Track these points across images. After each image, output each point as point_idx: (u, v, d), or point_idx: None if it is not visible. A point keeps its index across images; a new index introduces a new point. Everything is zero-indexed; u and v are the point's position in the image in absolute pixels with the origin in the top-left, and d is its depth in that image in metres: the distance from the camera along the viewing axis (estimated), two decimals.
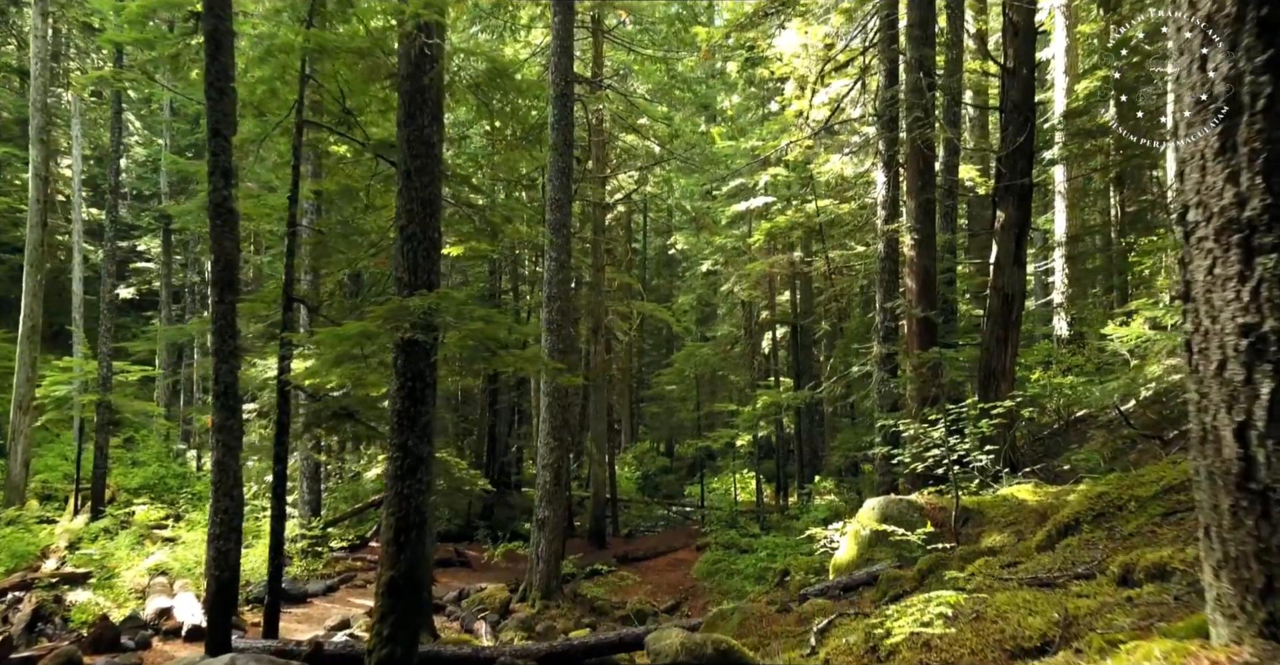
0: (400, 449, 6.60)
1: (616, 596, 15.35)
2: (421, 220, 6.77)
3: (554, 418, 14.06)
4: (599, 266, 21.24)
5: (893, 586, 6.76)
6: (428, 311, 6.30)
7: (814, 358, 26.85)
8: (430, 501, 11.12)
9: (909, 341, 12.40)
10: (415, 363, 6.63)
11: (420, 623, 6.50)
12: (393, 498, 6.57)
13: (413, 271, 6.69)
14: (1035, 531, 6.94)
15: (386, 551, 6.49)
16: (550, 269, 14.28)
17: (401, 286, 6.69)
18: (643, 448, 34.69)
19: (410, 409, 6.63)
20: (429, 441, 6.72)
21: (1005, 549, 6.42)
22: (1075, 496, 7.54)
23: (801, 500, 19.64)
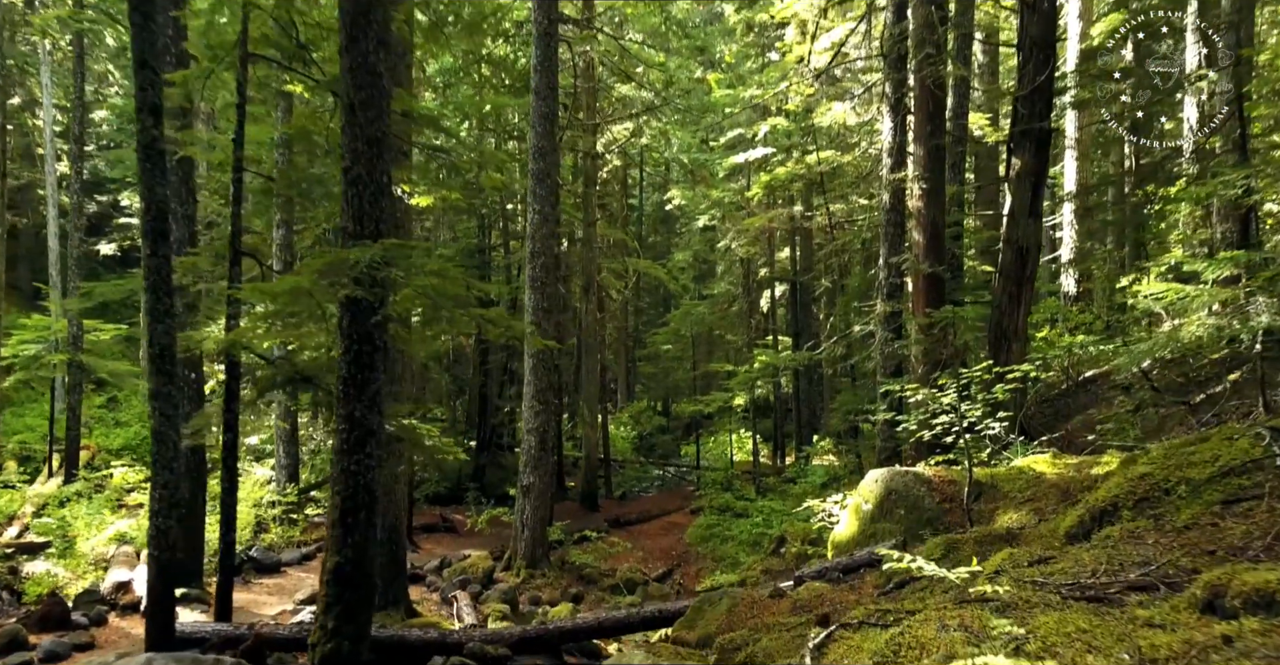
0: (347, 420, 5.87)
1: (606, 563, 14.81)
2: (368, 161, 5.94)
3: (539, 380, 13.34)
4: (590, 221, 20.36)
5: (898, 572, 6.08)
6: (372, 265, 5.51)
7: (814, 316, 26.08)
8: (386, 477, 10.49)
9: (915, 299, 11.62)
10: (362, 323, 5.86)
11: (369, 616, 5.84)
12: (339, 475, 5.85)
13: (358, 220, 5.88)
14: (1058, 510, 6.25)
15: (332, 534, 5.80)
16: (534, 222, 13.43)
17: (347, 237, 5.90)
18: (639, 407, 34.11)
19: (358, 375, 5.88)
20: (379, 411, 5.99)
21: (1027, 533, 5.72)
22: (1099, 469, 6.84)
23: (799, 464, 19.05)
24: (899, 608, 4.71)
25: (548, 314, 13.41)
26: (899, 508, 7.39)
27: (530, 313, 13.36)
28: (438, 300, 5.67)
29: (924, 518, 7.22)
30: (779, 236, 25.46)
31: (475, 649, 7.03)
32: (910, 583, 5.88)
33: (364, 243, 5.59)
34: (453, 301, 5.77)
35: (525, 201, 21.68)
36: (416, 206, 24.08)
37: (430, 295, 5.63)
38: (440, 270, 5.69)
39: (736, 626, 6.10)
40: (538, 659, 7.22)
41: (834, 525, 8.72)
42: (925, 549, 6.07)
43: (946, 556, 5.85)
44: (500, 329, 6.36)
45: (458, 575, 12.68)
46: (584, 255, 20.56)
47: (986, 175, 21.47)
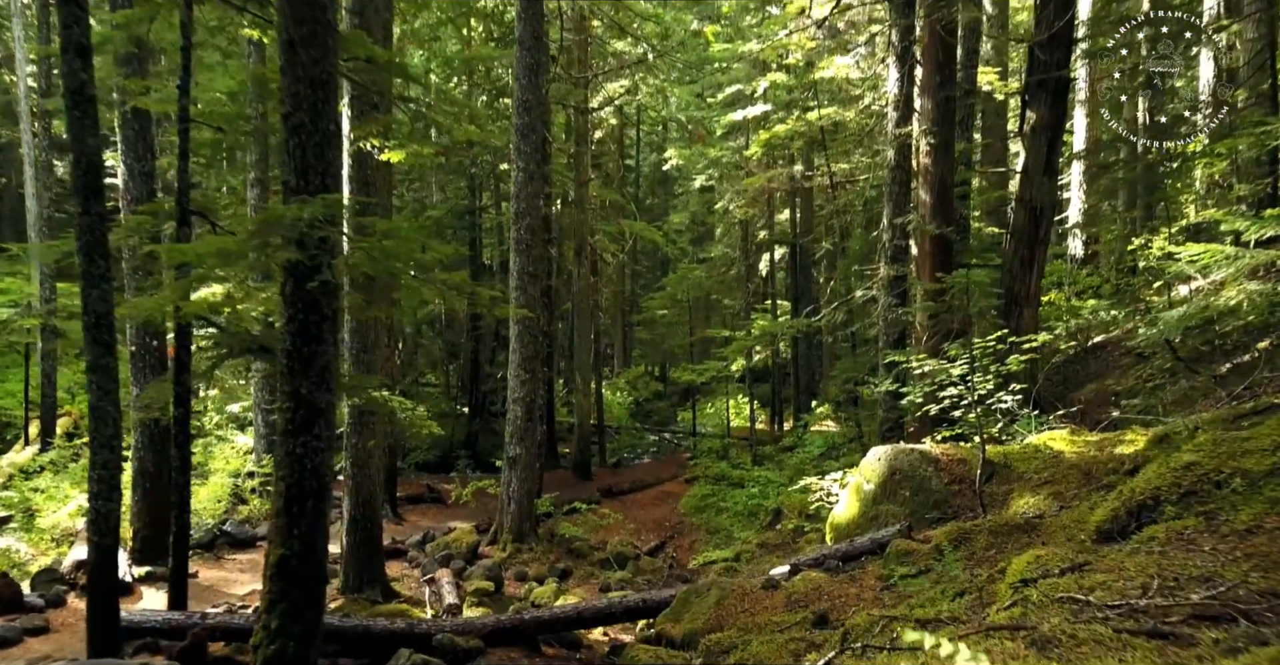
0: (292, 398, 5.25)
1: (597, 536, 14.33)
2: (311, 107, 5.24)
3: (525, 348, 12.72)
4: (582, 180, 19.58)
5: (904, 563, 5.52)
6: (312, 224, 4.85)
7: (813, 280, 25.39)
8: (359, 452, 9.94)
9: (921, 262, 10.96)
10: (307, 290, 5.22)
11: (319, 614, 5.28)
12: (284, 458, 5.25)
13: (301, 173, 5.20)
14: (1080, 494, 5.68)
15: (276, 525, 5.22)
16: (519, 180, 12.70)
17: (289, 192, 5.22)
18: (636, 373, 33.56)
19: (303, 348, 5.25)
20: (329, 387, 5.37)
21: (1048, 523, 5.14)
22: (1125, 448, 6.25)
23: (798, 432, 18.53)
24: (907, 614, 4.14)
25: (534, 278, 12.76)
26: (903, 489, 6.82)
27: (516, 277, 12.70)
28: (389, 264, 5.02)
29: (931, 500, 6.66)
30: (779, 198, 24.67)
31: (444, 641, 6.51)
32: (917, 577, 5.33)
33: (304, 198, 4.93)
34: (405, 265, 5.13)
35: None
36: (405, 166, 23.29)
37: (381, 258, 4.98)
38: (391, 230, 5.04)
39: (725, 623, 5.56)
40: (512, 651, 6.72)
41: (833, 505, 8.17)
42: (935, 541, 5.50)
43: (958, 547, 5.28)
44: (463, 296, 5.73)
45: (441, 550, 12.20)
46: (576, 217, 19.82)
47: (994, 133, 20.67)
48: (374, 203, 9.74)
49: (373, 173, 9.86)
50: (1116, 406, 10.13)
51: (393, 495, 14.95)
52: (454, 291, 5.55)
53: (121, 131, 10.21)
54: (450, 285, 5.53)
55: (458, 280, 5.67)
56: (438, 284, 5.51)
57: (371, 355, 9.81)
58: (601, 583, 12.03)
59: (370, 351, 9.79)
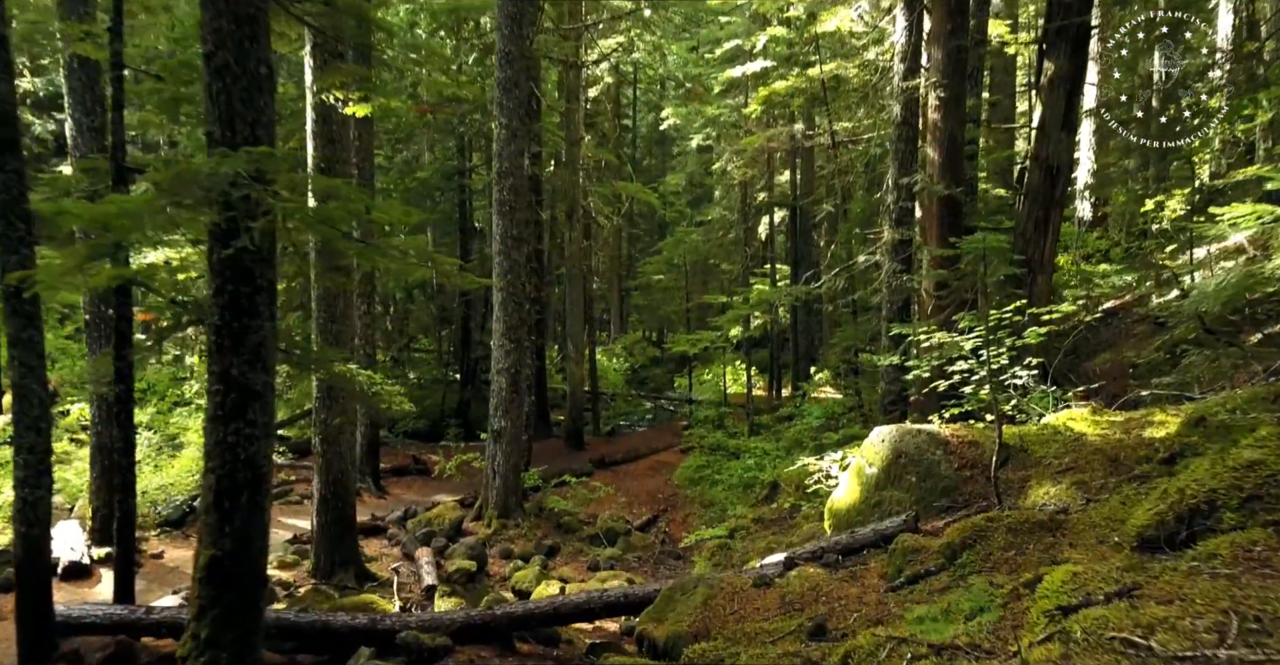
0: (222, 380, 4.64)
1: (587, 510, 13.85)
2: (236, 45, 4.55)
3: (509, 316, 12.09)
4: (574, 140, 18.77)
5: (911, 562, 4.96)
6: (236, 182, 4.19)
7: (813, 243, 24.67)
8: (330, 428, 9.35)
9: (928, 225, 10.29)
10: (238, 258, 4.57)
11: (258, 621, 4.71)
12: (214, 448, 4.66)
13: (226, 123, 4.53)
14: (1108, 485, 5.10)
15: (206, 522, 4.64)
16: (501, 138, 11.96)
17: (213, 144, 4.55)
18: (632, 338, 32.94)
19: (233, 322, 4.62)
20: (265, 367, 4.75)
21: (1076, 521, 4.56)
22: (1154, 430, 5.65)
23: (796, 400, 17.98)
24: (918, 634, 3.57)
25: (518, 243, 12.08)
26: (909, 474, 6.25)
27: (499, 241, 12.03)
28: (331, 227, 4.37)
29: (939, 487, 6.09)
30: (779, 159, 23.86)
31: (409, 638, 5.98)
32: (925, 577, 4.77)
33: (225, 152, 4.26)
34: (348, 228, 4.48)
35: None
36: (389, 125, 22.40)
37: (322, 222, 4.33)
38: (332, 189, 4.38)
39: (712, 627, 5.01)
40: (483, 649, 6.20)
41: (831, 488, 7.62)
42: (946, 537, 4.93)
43: (972, 546, 4.71)
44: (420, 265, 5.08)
45: (422, 527, 11.69)
46: (567, 178, 19.05)
47: (1002, 89, 19.83)
48: (340, 161, 9.03)
49: (339, 128, 9.14)
50: (1134, 379, 9.56)
51: (375, 468, 14.44)
52: (409, 259, 4.91)
53: (68, 83, 9.47)
54: (406, 252, 4.88)
55: (415, 246, 5.02)
56: (392, 251, 4.87)
57: (340, 325, 9.18)
58: (590, 561, 11.56)
59: (339, 321, 9.16)
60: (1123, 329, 12.76)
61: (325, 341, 9.09)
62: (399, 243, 5.00)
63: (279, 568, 9.39)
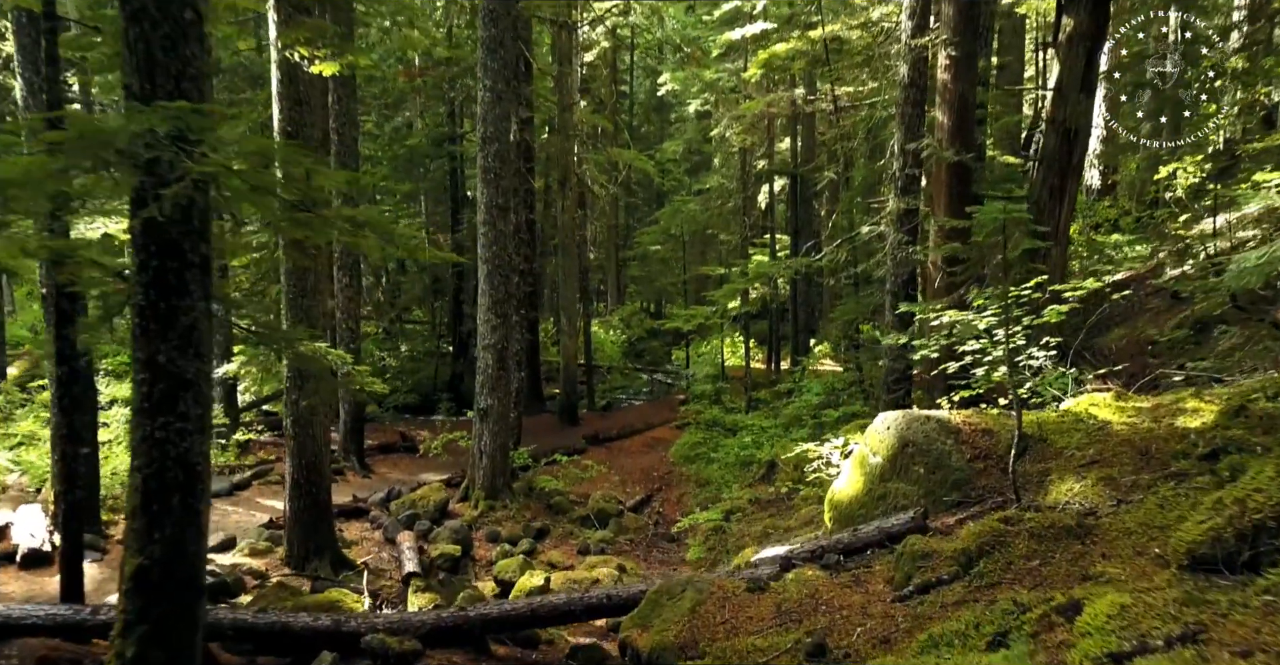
0: (148, 368, 4.11)
1: (579, 489, 13.42)
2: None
3: (495, 289, 11.54)
4: (566, 105, 18.06)
5: (921, 568, 4.47)
6: (154, 142, 3.63)
7: (814, 212, 24.05)
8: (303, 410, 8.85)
9: (936, 194, 9.71)
10: (163, 230, 4.03)
11: (194, 637, 4.23)
12: (140, 443, 4.15)
13: (146, 74, 3.96)
14: (1139, 482, 4.60)
15: (133, 527, 4.15)
16: (485, 101, 11.32)
17: (133, 99, 3.99)
18: (630, 310, 32.38)
19: (160, 303, 4.09)
20: (199, 353, 4.22)
21: (1108, 525, 4.06)
22: (1187, 419, 5.14)
23: (795, 375, 17.48)
24: None
25: (503, 212, 11.48)
26: (917, 465, 5.75)
27: (483, 210, 11.44)
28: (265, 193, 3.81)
29: (950, 479, 5.59)
30: (779, 125, 23.14)
31: (375, 643, 5.53)
32: (937, 587, 4.29)
33: (136, 106, 3.69)
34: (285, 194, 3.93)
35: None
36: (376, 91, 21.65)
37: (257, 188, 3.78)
38: (264, 149, 3.83)
39: (701, 638, 4.54)
40: (455, 653, 5.75)
41: (833, 477, 7.13)
42: (960, 541, 4.44)
43: (990, 553, 4.22)
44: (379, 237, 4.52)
45: (406, 509, 11.25)
46: (560, 144, 18.37)
47: (1011, 51, 19.08)
48: (309, 124, 8.44)
49: (307, 89, 8.52)
50: (1154, 357, 9.05)
51: (360, 446, 13.98)
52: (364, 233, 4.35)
53: (16, 40, 8.86)
54: (360, 224, 4.33)
55: (372, 217, 4.46)
56: (341, 223, 4.32)
57: (311, 301, 8.64)
58: (580, 544, 11.15)
59: (309, 296, 8.62)
60: (1137, 302, 12.20)
61: (295, 318, 8.57)
62: (353, 213, 4.46)
63: (250, 555, 8.96)
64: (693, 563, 10.31)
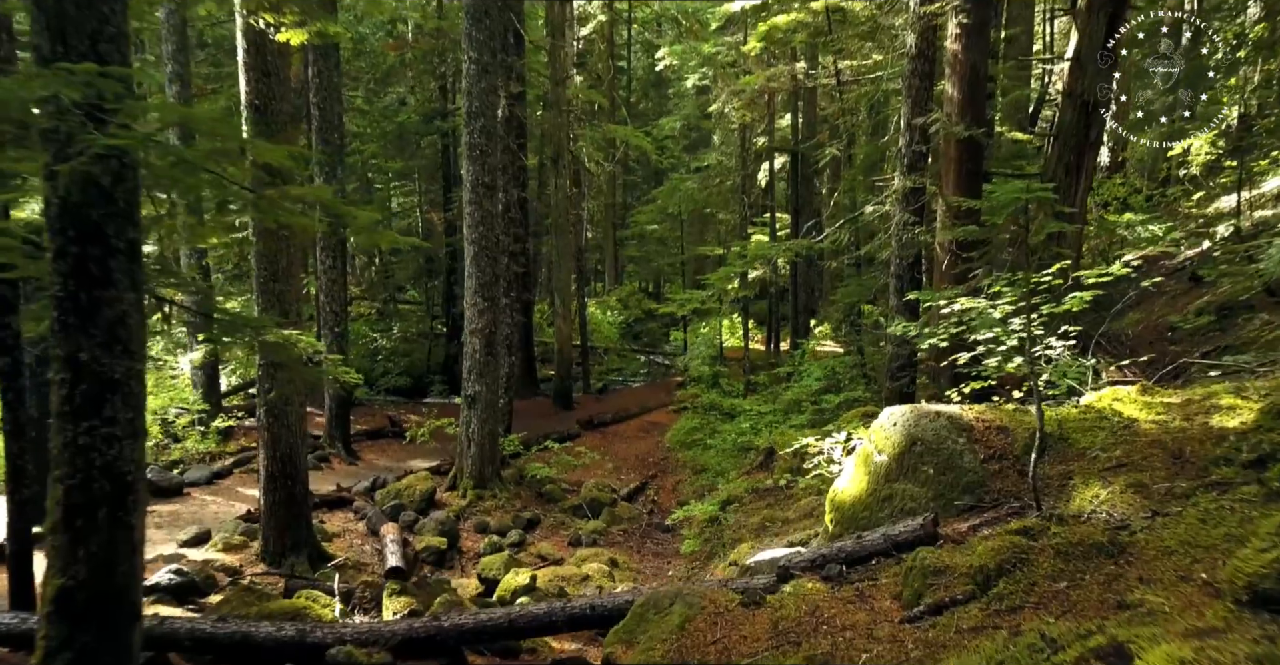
0: (69, 365, 3.67)
1: (572, 476, 13.03)
2: None
3: (482, 272, 11.07)
4: (559, 79, 17.48)
5: (932, 586, 4.05)
6: (61, 110, 3.16)
7: (815, 190, 23.50)
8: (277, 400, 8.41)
9: (945, 172, 9.21)
10: (82, 212, 3.57)
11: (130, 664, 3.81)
12: (62, 451, 3.71)
13: (56, 34, 3.47)
14: (1174, 490, 4.17)
15: (54, 545, 3.72)
16: (471, 74, 10.79)
17: (43, 64, 3.50)
18: (628, 290, 31.85)
19: (80, 294, 3.64)
20: (129, 350, 3.78)
21: (1144, 542, 3.63)
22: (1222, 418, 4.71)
23: (795, 359, 17.03)
24: None
25: (490, 190, 10.99)
26: (926, 465, 5.32)
27: (469, 188, 10.95)
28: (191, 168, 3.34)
29: (962, 481, 5.17)
30: (780, 102, 22.53)
31: (341, 656, 5.13)
32: (951, 608, 3.87)
33: (36, 69, 3.21)
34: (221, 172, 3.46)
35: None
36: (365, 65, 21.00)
37: (174, 166, 3.31)
38: (189, 117, 3.35)
39: (689, 658, 4.13)
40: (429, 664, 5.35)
41: (834, 475, 6.70)
42: (977, 556, 4.01)
43: (1010, 573, 3.80)
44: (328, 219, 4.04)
45: (391, 499, 10.86)
46: (551, 120, 17.80)
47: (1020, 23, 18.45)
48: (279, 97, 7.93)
49: (275, 60, 8.00)
50: (1174, 344, 8.61)
51: (345, 432, 13.57)
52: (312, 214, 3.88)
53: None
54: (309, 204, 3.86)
55: (320, 196, 3.99)
56: (287, 203, 3.85)
57: (284, 285, 8.18)
58: (571, 535, 10.78)
59: (282, 280, 8.16)
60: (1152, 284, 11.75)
61: (266, 303, 8.12)
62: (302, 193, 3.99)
63: (224, 550, 8.56)
64: (687, 556, 9.93)
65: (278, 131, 7.94)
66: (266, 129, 7.89)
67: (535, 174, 23.40)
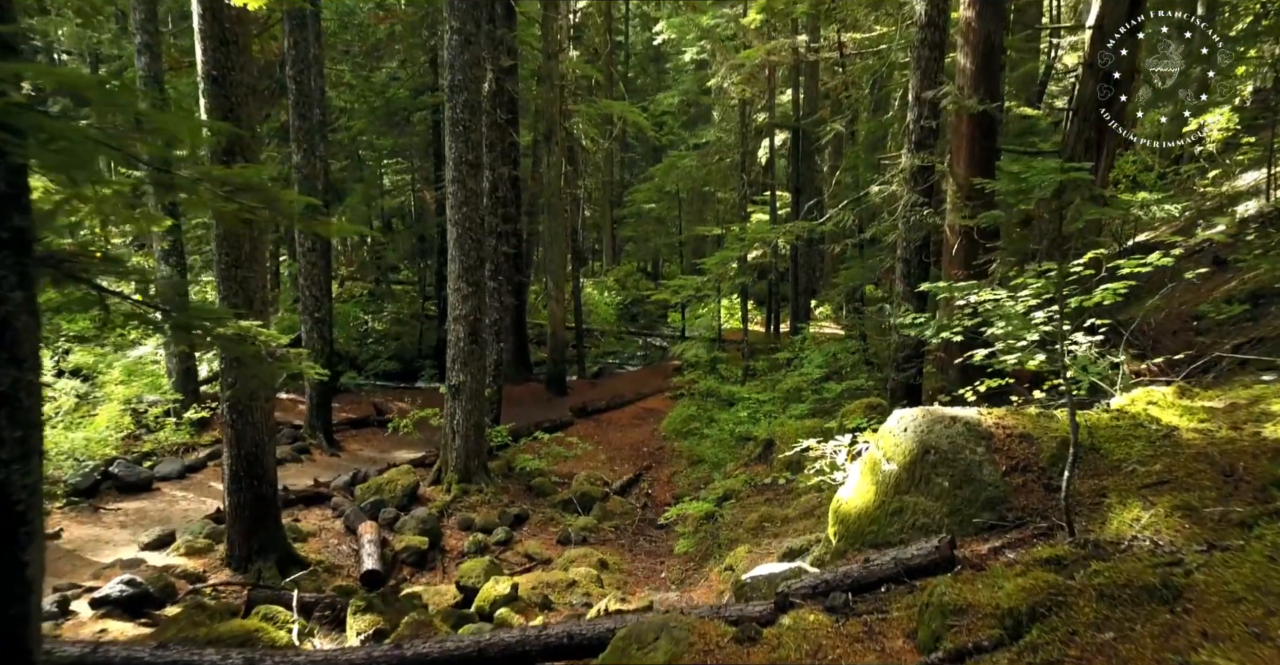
0: None
1: (563, 468, 12.55)
2: None
3: (466, 255, 10.50)
4: (551, 52, 16.79)
5: (953, 628, 3.53)
6: None
7: (817, 168, 22.81)
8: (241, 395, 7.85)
9: (956, 149, 8.62)
10: None
11: None
12: None
13: None
14: (1229, 514, 3.63)
15: None
16: (453, 45, 10.15)
17: None
18: (625, 270, 31.25)
19: None
20: (16, 359, 3.22)
21: (1203, 585, 3.10)
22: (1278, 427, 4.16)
23: (795, 344, 16.47)
24: None
25: (474, 168, 10.38)
26: (940, 476, 4.79)
27: (452, 167, 10.35)
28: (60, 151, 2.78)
29: (981, 497, 4.64)
30: (781, 77, 21.80)
31: None
32: (975, 656, 3.35)
33: None
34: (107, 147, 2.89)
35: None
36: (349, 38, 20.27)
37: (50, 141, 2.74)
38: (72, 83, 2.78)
39: None
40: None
41: (838, 482, 6.17)
42: (1005, 595, 3.48)
43: (1046, 617, 3.27)
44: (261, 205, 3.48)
45: (371, 494, 10.36)
46: (543, 95, 17.12)
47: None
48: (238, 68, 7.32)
49: (235, 27, 7.38)
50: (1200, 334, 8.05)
51: (327, 421, 13.05)
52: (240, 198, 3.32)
53: None
54: (221, 183, 3.30)
55: (248, 179, 3.44)
56: (199, 185, 3.30)
57: (247, 271, 7.61)
58: (560, 532, 10.30)
59: (245, 266, 7.59)
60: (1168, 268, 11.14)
61: (229, 290, 7.56)
62: (224, 174, 3.42)
63: (186, 554, 8.06)
64: (681, 556, 9.45)
65: (238, 105, 7.35)
66: (225, 102, 7.30)
67: (529, 151, 22.73)
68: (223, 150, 7.36)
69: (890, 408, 9.64)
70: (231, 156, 7.37)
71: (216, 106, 7.28)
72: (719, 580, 8.03)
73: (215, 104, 7.28)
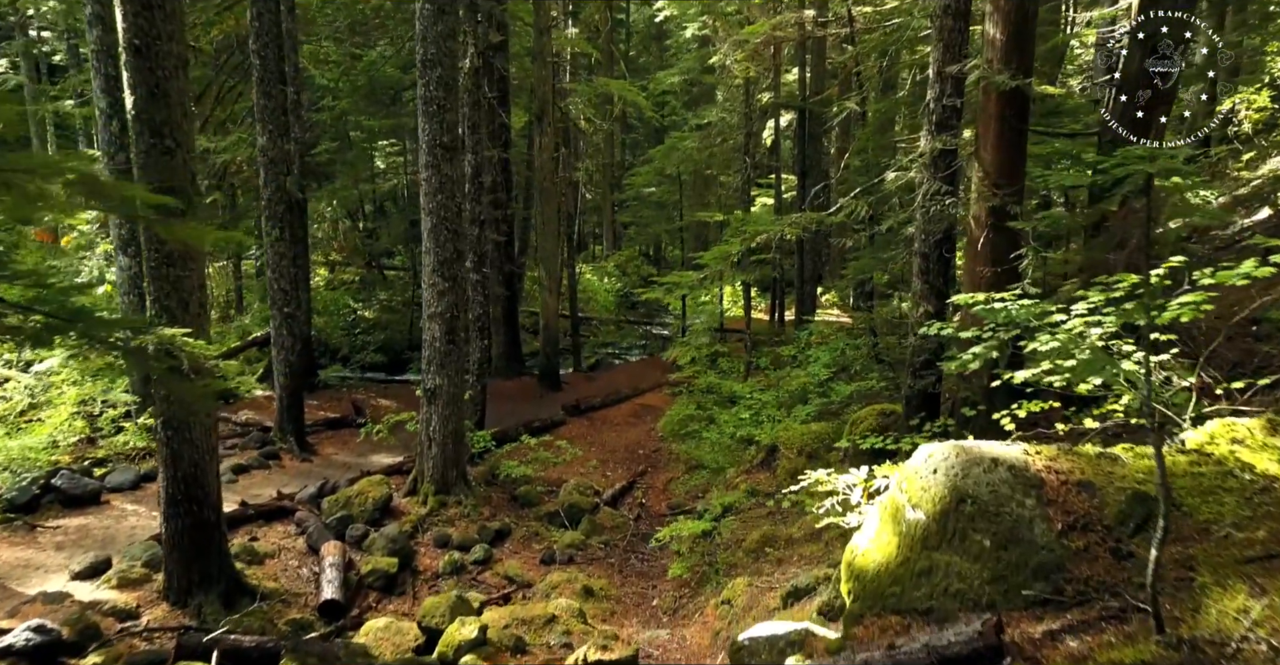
0: None
1: (551, 474, 11.71)
2: None
3: (441, 247, 9.59)
4: (543, 27, 15.78)
5: None
6: None
7: (824, 150, 21.79)
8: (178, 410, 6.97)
9: (983, 130, 7.66)
10: None
11: None
12: None
13: None
14: None
15: None
16: (424, 16, 9.20)
17: None
18: (626, 255, 30.28)
19: None
20: None
21: None
22: None
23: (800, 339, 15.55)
24: None
25: (450, 152, 9.45)
26: (979, 533, 3.92)
27: (425, 151, 9.43)
28: None
29: (1032, 562, 3.76)
30: (786, 55, 20.76)
31: None
32: None
33: None
34: None
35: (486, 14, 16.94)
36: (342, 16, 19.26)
37: None
38: None
39: None
40: None
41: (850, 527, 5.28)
42: None
43: None
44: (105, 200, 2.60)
45: (339, 508, 9.53)
46: (537, 73, 16.13)
47: None
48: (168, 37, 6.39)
49: None
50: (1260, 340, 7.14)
51: (299, 424, 12.18)
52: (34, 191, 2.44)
53: None
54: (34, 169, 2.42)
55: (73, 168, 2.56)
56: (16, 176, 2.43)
57: (181, 270, 6.72)
58: (544, 549, 9.49)
59: (179, 264, 6.69)
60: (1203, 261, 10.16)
61: (160, 290, 6.67)
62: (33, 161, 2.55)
63: (119, 587, 7.21)
64: (674, 580, 8.62)
65: (165, 79, 6.43)
66: (150, 77, 6.38)
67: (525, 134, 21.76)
68: (150, 131, 6.47)
69: (906, 418, 8.74)
70: (159, 138, 6.47)
71: (141, 81, 6.36)
72: (715, 616, 7.19)
73: (139, 78, 6.36)
